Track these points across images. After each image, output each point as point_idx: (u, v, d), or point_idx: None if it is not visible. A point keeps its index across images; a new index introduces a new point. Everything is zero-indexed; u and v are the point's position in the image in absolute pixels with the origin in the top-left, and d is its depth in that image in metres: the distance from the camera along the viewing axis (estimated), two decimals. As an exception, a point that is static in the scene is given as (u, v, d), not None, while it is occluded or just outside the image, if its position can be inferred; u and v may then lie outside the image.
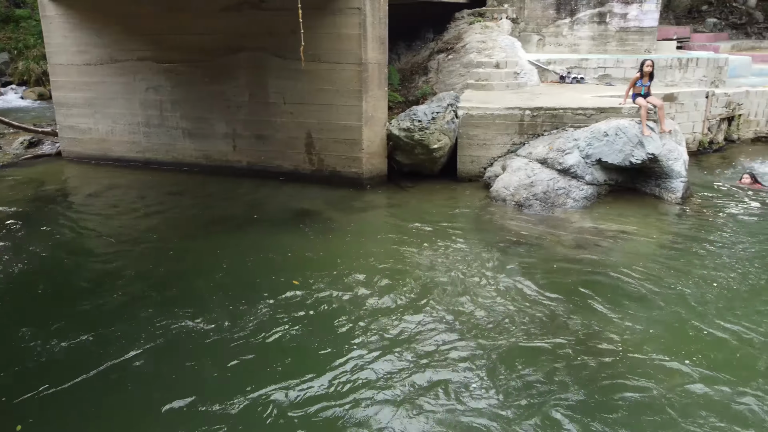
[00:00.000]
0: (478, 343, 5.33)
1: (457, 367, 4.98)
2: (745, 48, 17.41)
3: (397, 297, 6.18)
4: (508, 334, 5.48)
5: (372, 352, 5.20)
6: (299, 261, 7.17)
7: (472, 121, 9.70)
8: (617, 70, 12.86)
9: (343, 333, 5.53)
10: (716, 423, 4.28)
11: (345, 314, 5.86)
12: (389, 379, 4.83)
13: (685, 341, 5.32)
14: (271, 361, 5.09)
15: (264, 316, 5.81)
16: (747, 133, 13.36)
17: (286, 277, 6.68)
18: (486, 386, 4.73)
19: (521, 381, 4.79)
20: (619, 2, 14.29)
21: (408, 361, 5.09)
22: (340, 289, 6.37)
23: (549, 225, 8.18)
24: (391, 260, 7.16)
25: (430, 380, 4.81)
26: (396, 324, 5.67)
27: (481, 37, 13.14)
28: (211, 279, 6.69)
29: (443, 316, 5.80)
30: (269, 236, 7.99)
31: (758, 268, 6.78)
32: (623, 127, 8.90)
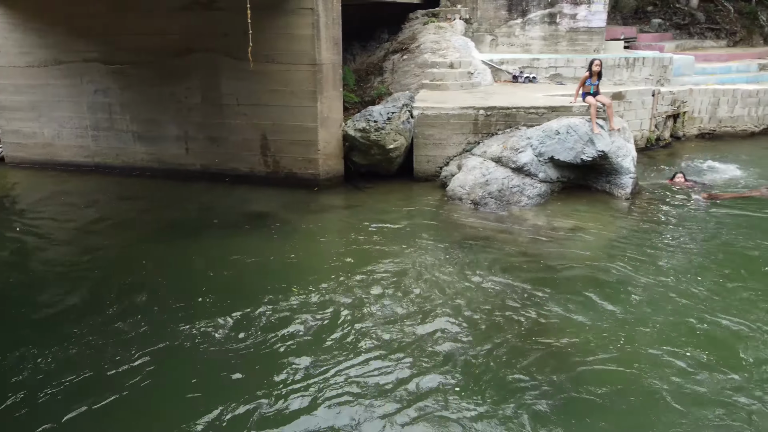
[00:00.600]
0: (439, 341, 5.37)
1: (417, 365, 5.00)
2: (688, 48, 18.03)
3: (356, 297, 6.17)
4: (467, 331, 5.53)
5: (332, 354, 5.17)
6: (258, 264, 7.08)
7: (428, 121, 9.77)
8: (568, 70, 13.16)
9: (305, 335, 5.49)
10: (674, 408, 4.42)
11: (304, 316, 5.81)
12: (352, 380, 4.81)
13: (639, 331, 5.47)
14: (234, 368, 5.00)
15: (224, 322, 5.71)
16: (692, 130, 13.86)
17: (245, 281, 6.60)
18: (448, 384, 4.76)
19: (479, 377, 4.84)
20: (568, 3, 14.60)
21: (370, 361, 5.08)
22: (300, 291, 6.32)
23: (504, 223, 8.31)
24: (350, 261, 7.15)
25: (396, 379, 4.82)
26: (353, 324, 5.65)
27: (435, 37, 13.25)
28: (170, 286, 6.55)
29: (403, 316, 5.82)
30: (226, 240, 7.87)
31: (703, 258, 7.04)
32: (574, 126, 9.10)
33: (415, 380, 4.82)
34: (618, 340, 5.35)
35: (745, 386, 4.68)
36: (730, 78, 15.32)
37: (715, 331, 5.47)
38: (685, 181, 9.85)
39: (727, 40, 19.30)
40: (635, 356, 5.10)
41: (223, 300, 6.14)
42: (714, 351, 5.15)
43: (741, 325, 5.55)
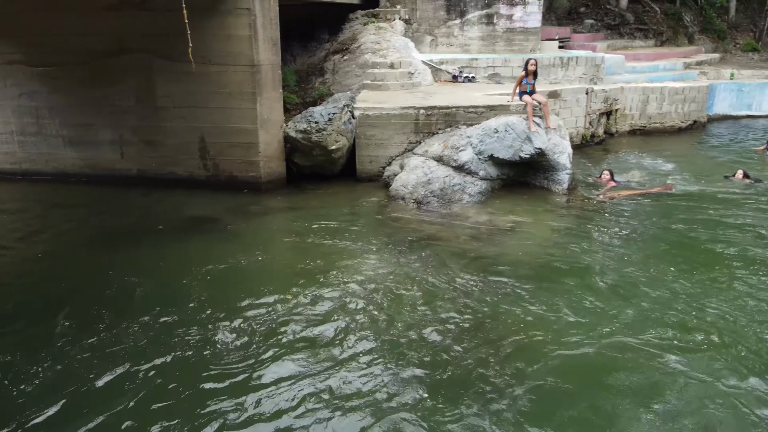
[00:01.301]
0: (384, 340, 5.37)
1: (362, 366, 4.99)
2: (619, 47, 18.74)
3: (302, 300, 6.11)
4: (412, 329, 5.56)
5: (279, 357, 5.10)
6: (202, 270, 6.91)
7: (369, 121, 9.78)
8: (505, 69, 13.43)
9: (250, 341, 5.39)
10: (625, 393, 4.58)
11: (251, 321, 5.70)
12: (297, 383, 4.76)
13: (578, 322, 5.63)
14: (181, 375, 4.86)
15: (167, 330, 5.55)
16: (624, 127, 14.40)
17: (189, 288, 6.42)
18: (393, 382, 4.77)
19: (425, 376, 4.88)
20: (505, 4, 14.92)
21: (315, 363, 5.04)
22: (245, 295, 6.20)
23: (447, 221, 8.40)
24: (295, 263, 7.07)
25: (343, 380, 4.80)
26: (300, 328, 5.60)
27: (376, 38, 13.28)
28: (110, 296, 6.31)
29: (351, 317, 5.80)
30: (167, 247, 7.64)
31: (637, 248, 7.31)
32: (512, 124, 9.30)
33: (363, 380, 4.81)
34: (565, 330, 5.50)
35: (707, 366, 4.91)
36: (658, 76, 16.03)
37: (658, 315, 5.71)
38: (611, 180, 10.00)
39: (655, 40, 20.18)
40: (584, 344, 5.26)
41: (167, 307, 5.96)
42: (662, 333, 5.39)
43: (687, 306, 5.84)
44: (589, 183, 10.21)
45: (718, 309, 5.84)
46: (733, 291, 6.22)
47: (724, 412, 4.40)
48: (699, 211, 8.70)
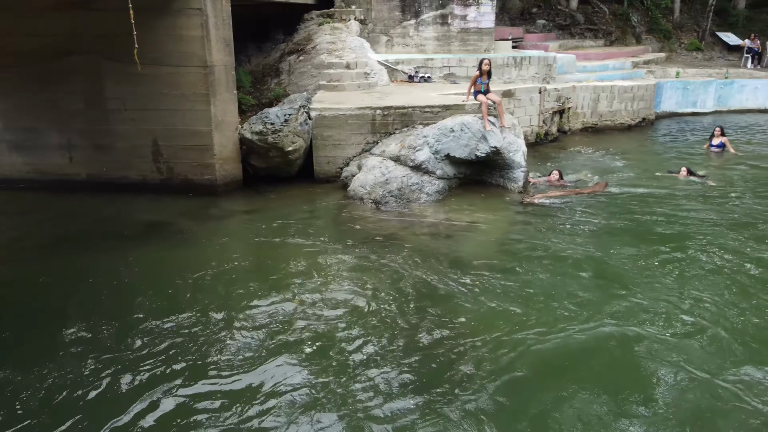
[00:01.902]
0: (347, 340, 5.36)
1: (325, 367, 4.97)
2: (570, 47, 19.19)
3: (261, 305, 6.03)
4: (375, 329, 5.56)
5: (237, 364, 5.04)
6: (158, 276, 6.77)
7: (326, 122, 9.75)
8: (460, 69, 13.58)
9: (209, 347, 5.30)
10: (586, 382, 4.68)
11: (209, 327, 5.61)
12: (264, 388, 4.71)
13: (537, 320, 5.72)
14: (132, 386, 4.74)
15: (126, 336, 5.41)
16: (576, 124, 14.75)
17: (145, 295, 6.27)
18: (356, 381, 4.77)
19: (389, 374, 4.89)
20: (458, 5, 15.09)
21: (278, 366, 4.98)
22: (204, 300, 6.09)
23: (405, 220, 8.44)
24: (252, 267, 7.01)
25: (308, 381, 4.77)
26: (260, 332, 5.54)
27: (331, 38, 13.25)
28: (66, 305, 6.10)
29: (310, 318, 5.76)
30: (121, 253, 7.41)
31: (592, 243, 7.49)
32: (467, 123, 9.41)
33: (328, 380, 4.79)
34: (526, 323, 5.60)
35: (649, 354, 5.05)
36: (608, 75, 16.49)
37: (609, 306, 5.86)
38: (559, 180, 10.07)
39: (604, 39, 20.74)
40: (546, 337, 5.35)
41: (124, 315, 5.81)
42: (621, 324, 5.55)
43: (635, 297, 6.02)
44: (543, 181, 10.39)
45: (669, 297, 6.04)
46: (687, 281, 6.44)
47: (690, 401, 4.56)
48: (645, 207, 8.97)
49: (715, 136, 12.77)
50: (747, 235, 7.74)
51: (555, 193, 9.58)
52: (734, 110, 17.61)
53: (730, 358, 5.07)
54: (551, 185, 9.97)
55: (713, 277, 6.57)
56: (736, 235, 7.75)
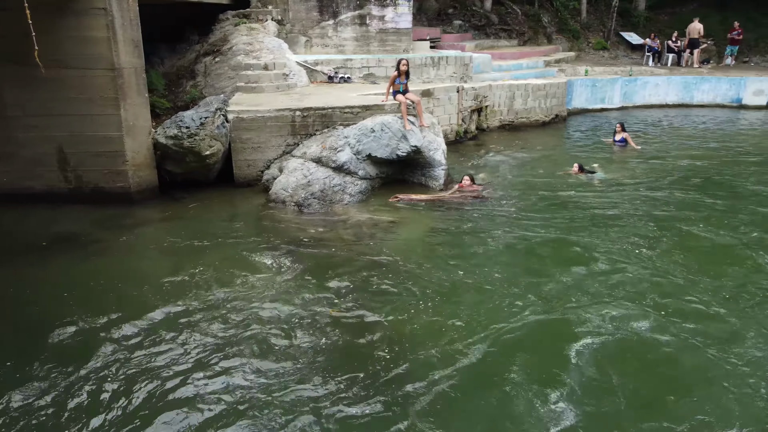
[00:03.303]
0: (273, 348, 5.27)
1: (250, 375, 4.87)
2: (486, 47, 19.71)
3: (181, 314, 5.84)
4: (302, 334, 5.50)
5: (157, 375, 4.84)
6: (68, 290, 6.40)
7: (244, 125, 9.55)
8: (380, 69, 13.67)
9: (126, 360, 5.06)
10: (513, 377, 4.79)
11: (124, 340, 5.36)
12: (187, 403, 4.55)
13: (462, 317, 5.83)
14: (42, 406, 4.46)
15: (39, 351, 5.07)
16: (494, 122, 15.16)
17: (55, 311, 5.91)
18: (282, 389, 4.70)
19: (317, 379, 4.84)
20: (376, 5, 15.17)
21: (199, 378, 4.83)
22: (122, 314, 5.82)
23: (329, 222, 8.40)
24: (171, 276, 6.74)
25: (231, 391, 4.64)
26: (178, 342, 5.35)
27: (248, 39, 13.00)
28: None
29: (234, 326, 5.63)
30: (28, 268, 6.98)
31: (507, 240, 7.73)
32: (388, 123, 9.48)
33: (252, 389, 4.69)
34: (452, 323, 5.68)
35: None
36: (522, 74, 17.06)
37: (540, 305, 6.04)
38: (471, 184, 9.70)
39: (518, 39, 21.44)
40: (472, 336, 5.44)
41: (34, 331, 5.45)
42: (549, 322, 5.73)
43: (565, 294, 6.24)
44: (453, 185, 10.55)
45: (579, 293, 6.33)
46: (599, 278, 6.76)
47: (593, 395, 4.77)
48: (547, 207, 9.28)
49: (617, 132, 13.39)
50: (621, 228, 8.19)
51: (424, 196, 9.32)
52: (639, 105, 18.63)
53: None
54: (463, 191, 9.58)
55: (604, 277, 6.75)
56: (618, 230, 8.07)
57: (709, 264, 6.99)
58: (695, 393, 4.70)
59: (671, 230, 8.01)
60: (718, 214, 8.66)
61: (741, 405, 4.52)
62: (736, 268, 6.90)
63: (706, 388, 4.74)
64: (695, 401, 4.59)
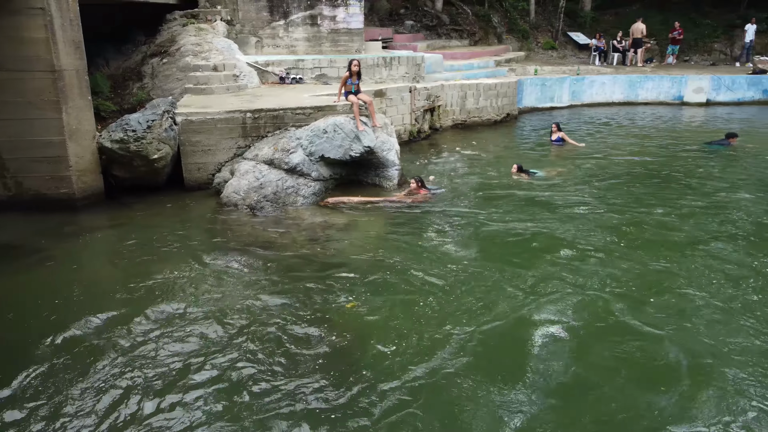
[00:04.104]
0: (227, 354, 5.17)
1: (203, 385, 4.76)
2: (437, 47, 19.89)
3: (129, 325, 5.65)
4: (256, 338, 5.41)
5: (105, 387, 4.69)
6: (11, 303, 6.12)
7: (193, 127, 9.35)
8: (332, 70, 13.62)
9: (66, 377, 4.88)
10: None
11: (72, 353, 5.17)
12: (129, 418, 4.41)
13: (419, 316, 5.84)
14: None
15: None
16: (447, 122, 15.30)
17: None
18: (238, 394, 4.61)
19: (263, 390, 4.77)
20: (327, 6, 15.11)
21: (149, 388, 4.70)
22: (68, 326, 5.59)
23: (282, 225, 8.31)
24: (119, 285, 6.54)
25: (185, 401, 4.52)
26: (130, 353, 5.19)
27: (196, 39, 12.76)
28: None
29: (188, 333, 5.49)
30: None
31: (459, 239, 7.81)
32: (340, 124, 9.44)
33: (203, 399, 4.58)
34: (405, 323, 5.67)
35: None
36: (474, 74, 17.30)
37: (490, 303, 6.10)
38: (419, 188, 9.47)
39: (469, 39, 21.72)
40: (426, 338, 5.44)
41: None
42: (501, 319, 5.76)
43: (504, 291, 6.31)
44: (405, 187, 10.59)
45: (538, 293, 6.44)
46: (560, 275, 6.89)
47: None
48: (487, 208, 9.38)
49: (554, 132, 13.63)
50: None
51: (356, 198, 9.16)
52: (586, 104, 19.12)
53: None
54: (412, 195, 9.36)
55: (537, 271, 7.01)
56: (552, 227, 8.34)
57: (656, 250, 7.24)
58: (655, 378, 4.84)
59: (616, 221, 8.28)
60: (660, 204, 8.99)
61: (699, 384, 4.68)
62: (686, 253, 7.22)
63: (667, 373, 4.89)
64: (655, 387, 4.73)
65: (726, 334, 5.46)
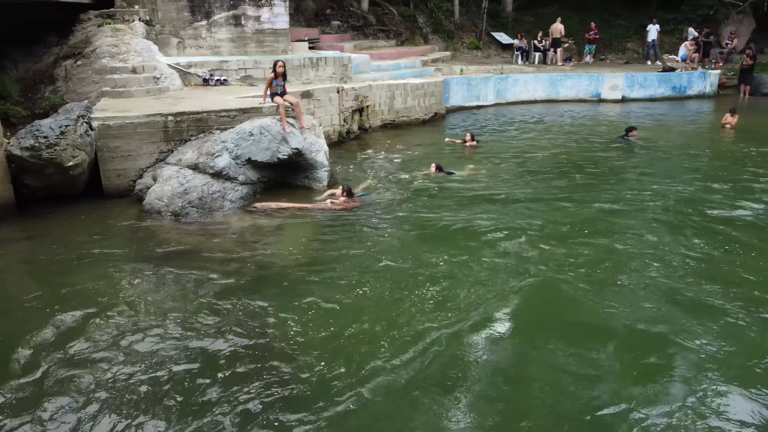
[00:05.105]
0: (155, 368, 4.99)
1: (129, 404, 4.58)
2: (364, 47, 19.94)
3: (46, 343, 5.36)
4: (185, 350, 5.25)
5: (29, 405, 4.43)
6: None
7: (111, 132, 8.96)
8: (257, 71, 13.41)
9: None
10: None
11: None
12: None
13: (351, 321, 5.82)
14: None
15: None
16: (376, 122, 15.37)
17: None
18: (158, 410, 4.45)
19: (196, 398, 4.65)
20: (251, 5, 14.85)
21: (74, 404, 4.47)
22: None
23: (209, 231, 8.10)
24: (34, 301, 6.18)
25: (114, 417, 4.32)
26: (47, 369, 4.92)
27: (113, 40, 12.26)
28: None
29: (113, 347, 5.26)
30: None
31: (390, 240, 7.86)
32: (266, 126, 9.30)
33: (131, 419, 4.41)
34: (341, 327, 5.65)
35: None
36: (401, 74, 17.44)
37: (431, 302, 6.16)
38: (343, 195, 9.10)
39: (396, 40, 21.89)
40: (358, 343, 5.44)
41: None
42: (449, 317, 5.82)
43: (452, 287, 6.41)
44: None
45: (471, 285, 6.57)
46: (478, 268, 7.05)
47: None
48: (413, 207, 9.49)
49: (467, 141, 13.36)
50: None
51: (286, 204, 8.96)
52: (511, 102, 19.64)
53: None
54: (337, 201, 9.04)
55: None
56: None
57: (575, 238, 7.62)
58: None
59: (539, 212, 8.63)
60: (576, 194, 9.50)
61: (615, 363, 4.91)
62: (608, 239, 7.66)
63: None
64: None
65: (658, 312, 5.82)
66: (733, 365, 5.02)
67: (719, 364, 5.02)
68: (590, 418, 4.43)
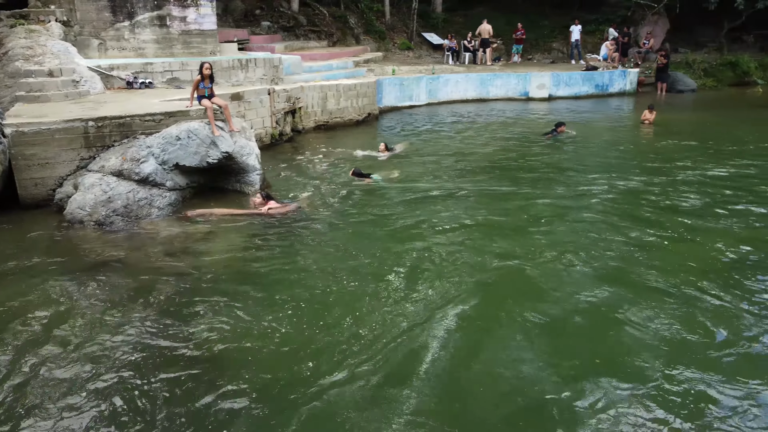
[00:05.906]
0: (85, 384, 4.76)
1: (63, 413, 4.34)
2: (296, 48, 19.75)
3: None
4: (115, 365, 5.03)
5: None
6: None
7: (26, 139, 8.48)
8: (184, 73, 13.04)
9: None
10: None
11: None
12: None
13: (288, 328, 5.74)
14: None
15: None
16: (309, 123, 15.24)
17: None
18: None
19: (134, 412, 4.46)
20: (176, 6, 14.41)
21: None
22: None
23: (136, 240, 7.82)
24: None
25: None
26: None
27: (27, 42, 11.64)
28: None
29: (37, 364, 4.99)
30: None
31: (326, 246, 7.82)
32: (194, 130, 9.06)
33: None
34: (273, 334, 5.57)
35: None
36: (333, 74, 17.38)
37: (361, 297, 6.15)
38: (265, 202, 8.85)
39: (327, 40, 21.81)
40: (304, 345, 5.39)
41: None
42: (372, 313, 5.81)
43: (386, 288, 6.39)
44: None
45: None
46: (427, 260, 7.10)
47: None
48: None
49: (381, 151, 12.89)
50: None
51: (221, 210, 8.77)
52: (443, 102, 19.92)
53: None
54: (264, 209, 8.74)
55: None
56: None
57: (511, 229, 7.80)
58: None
59: (480, 207, 8.85)
60: (515, 189, 9.76)
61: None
62: (545, 228, 7.92)
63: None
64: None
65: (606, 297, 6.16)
66: (682, 348, 5.29)
67: (669, 346, 5.29)
68: (549, 404, 4.56)
